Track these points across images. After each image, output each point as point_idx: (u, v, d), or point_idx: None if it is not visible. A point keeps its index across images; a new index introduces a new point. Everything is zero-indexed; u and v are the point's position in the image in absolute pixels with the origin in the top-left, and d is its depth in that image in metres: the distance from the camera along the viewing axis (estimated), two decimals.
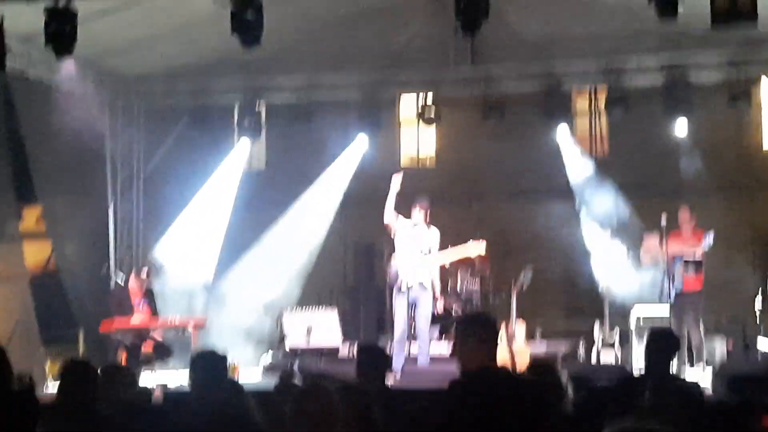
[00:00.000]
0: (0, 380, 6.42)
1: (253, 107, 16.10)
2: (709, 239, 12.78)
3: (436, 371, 11.69)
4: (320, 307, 15.00)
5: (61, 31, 10.97)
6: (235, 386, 6.17)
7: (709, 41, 14.33)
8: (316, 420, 4.46)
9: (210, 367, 6.47)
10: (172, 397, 9.82)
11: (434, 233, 12.91)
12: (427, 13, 15.34)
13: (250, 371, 13.86)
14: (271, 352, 14.72)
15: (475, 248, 13.20)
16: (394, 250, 13.00)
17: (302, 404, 4.53)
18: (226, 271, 15.98)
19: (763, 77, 15.84)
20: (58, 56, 11.67)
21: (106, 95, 15.65)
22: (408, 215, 12.89)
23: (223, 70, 15.64)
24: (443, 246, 12.97)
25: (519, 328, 13.61)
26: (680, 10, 10.39)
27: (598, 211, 15.35)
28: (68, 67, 13.84)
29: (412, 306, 12.73)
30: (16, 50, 12.86)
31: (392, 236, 13.01)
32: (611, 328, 13.67)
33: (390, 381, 11.97)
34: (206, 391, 6.19)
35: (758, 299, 14.02)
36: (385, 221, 13.00)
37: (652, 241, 13.19)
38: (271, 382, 10.58)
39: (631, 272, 14.09)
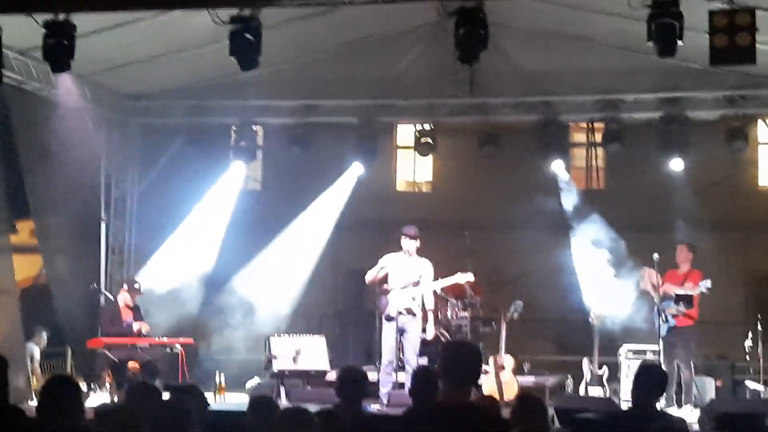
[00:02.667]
0: None
1: (250, 128, 16.12)
2: (705, 285, 12.75)
3: None
4: (309, 331, 14.96)
5: (59, 45, 10.98)
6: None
7: (707, 79, 14.39)
8: None
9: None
10: None
11: (425, 263, 12.89)
12: (426, 43, 15.40)
13: (237, 393, 13.82)
14: (258, 373, 14.64)
15: (462, 278, 13.22)
16: (384, 278, 13.00)
17: (279, 425, 4.52)
18: (217, 290, 15.92)
19: (760, 116, 15.89)
20: (55, 71, 11.70)
21: (102, 112, 15.65)
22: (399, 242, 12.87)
23: (220, 91, 15.67)
24: (435, 273, 12.98)
25: (507, 359, 13.58)
26: (679, 47, 10.44)
27: (591, 244, 15.31)
28: (66, 82, 13.88)
29: (400, 333, 12.70)
30: (14, 63, 12.90)
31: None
32: (600, 362, 13.62)
33: (377, 407, 11.99)
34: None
35: (748, 338, 13.98)
36: (366, 280, 13.07)
37: (651, 273, 13.18)
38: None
39: (623, 307, 14.05)
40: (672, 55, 10.69)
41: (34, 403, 11.71)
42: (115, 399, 12.66)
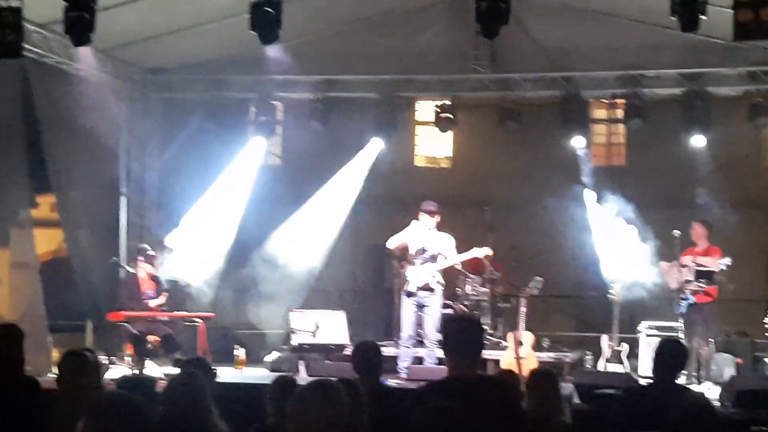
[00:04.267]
0: (11, 363, 6.46)
1: (270, 103, 16.10)
2: (725, 262, 12.68)
3: (442, 373, 11.63)
4: (328, 305, 14.98)
5: (80, 19, 10.96)
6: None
7: (730, 55, 14.28)
8: (319, 414, 4.46)
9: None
10: None
11: (445, 238, 12.88)
12: (447, 17, 15.35)
13: (257, 367, 13.88)
14: (278, 348, 14.69)
15: (480, 252, 13.20)
16: (405, 253, 13.03)
17: (301, 397, 4.53)
18: (237, 265, 15.95)
19: None
20: (76, 45, 11.69)
21: (123, 86, 15.68)
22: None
23: (240, 65, 15.66)
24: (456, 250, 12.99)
25: (526, 335, 13.56)
26: (702, 22, 10.35)
27: (611, 221, 15.27)
28: (86, 56, 13.89)
29: (419, 308, 12.71)
30: (34, 37, 12.91)
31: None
32: (619, 339, 13.60)
33: (396, 381, 12.02)
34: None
35: None
36: (388, 245, 13.09)
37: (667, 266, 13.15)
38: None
39: (643, 283, 14.02)
40: (695, 30, 10.58)
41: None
42: (136, 372, 12.73)
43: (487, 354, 13.79)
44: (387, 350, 12.58)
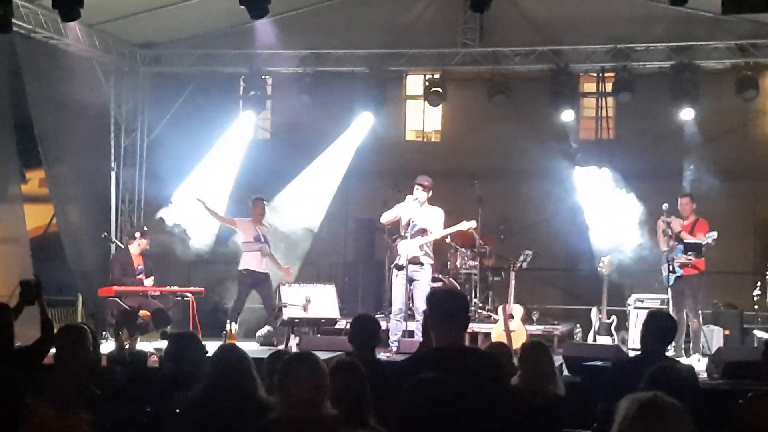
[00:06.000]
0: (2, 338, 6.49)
1: (259, 77, 16.08)
2: (712, 236, 12.69)
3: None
4: (319, 280, 15.01)
5: None
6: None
7: (719, 28, 14.30)
8: (304, 384, 4.53)
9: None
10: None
11: (434, 212, 12.89)
12: None
13: (248, 341, 13.90)
14: (269, 322, 14.70)
15: (465, 226, 13.20)
16: (396, 227, 13.05)
17: (286, 369, 4.60)
18: (226, 239, 15.95)
19: None
20: (64, 20, 11.65)
21: (112, 60, 15.63)
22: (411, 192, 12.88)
23: (230, 40, 15.63)
24: (445, 223, 13.00)
25: (516, 308, 13.61)
26: None
27: (600, 194, 15.33)
28: (75, 30, 13.84)
29: (409, 282, 12.74)
30: (23, 12, 12.86)
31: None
32: (609, 311, 13.65)
33: (387, 355, 12.07)
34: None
35: (757, 287, 14.01)
36: (381, 220, 13.11)
37: (660, 224, 13.18)
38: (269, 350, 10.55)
39: (632, 256, 14.08)
40: (683, 4, 10.62)
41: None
42: (127, 346, 12.74)
43: (477, 327, 13.86)
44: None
